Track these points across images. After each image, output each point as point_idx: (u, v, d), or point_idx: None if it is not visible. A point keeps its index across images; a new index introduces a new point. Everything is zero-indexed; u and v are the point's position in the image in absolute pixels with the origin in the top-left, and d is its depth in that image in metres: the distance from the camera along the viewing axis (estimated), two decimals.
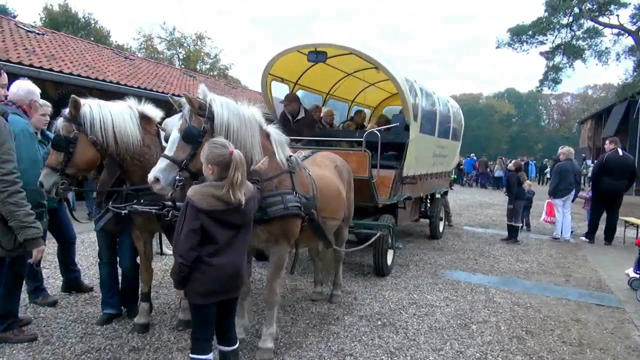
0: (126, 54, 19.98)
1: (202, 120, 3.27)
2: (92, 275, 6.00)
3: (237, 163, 2.79)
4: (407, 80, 6.94)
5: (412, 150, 7.00)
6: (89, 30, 39.94)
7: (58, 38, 15.71)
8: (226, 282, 2.89)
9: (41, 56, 11.67)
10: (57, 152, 3.60)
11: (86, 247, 7.46)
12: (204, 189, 2.82)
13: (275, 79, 7.64)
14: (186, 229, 2.75)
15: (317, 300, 5.38)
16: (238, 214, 2.87)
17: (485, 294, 5.97)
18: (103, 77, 12.48)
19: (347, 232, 5.49)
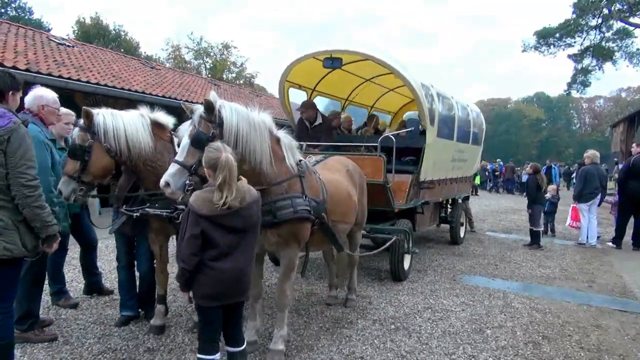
0: (152, 64, 20.49)
1: (210, 126, 3.36)
2: (113, 279, 6.14)
3: (222, 165, 2.86)
4: (422, 85, 6.93)
5: (429, 155, 6.98)
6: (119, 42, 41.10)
7: (87, 50, 16.25)
8: (229, 286, 2.95)
9: (70, 67, 12.09)
10: (73, 161, 3.78)
11: (110, 252, 7.66)
12: (204, 194, 2.90)
13: (292, 86, 7.73)
14: (187, 234, 2.84)
15: (331, 304, 5.41)
16: (239, 218, 2.93)
17: (503, 299, 5.88)
18: (129, 86, 12.84)
19: (360, 236, 5.52)
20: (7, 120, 2.90)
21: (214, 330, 3.04)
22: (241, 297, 3.10)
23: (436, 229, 10.92)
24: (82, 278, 5.55)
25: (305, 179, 3.97)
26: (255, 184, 3.54)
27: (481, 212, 15.31)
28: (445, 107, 8.17)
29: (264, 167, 3.65)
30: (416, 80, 6.73)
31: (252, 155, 3.55)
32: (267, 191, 3.70)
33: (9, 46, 11.48)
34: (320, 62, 6.93)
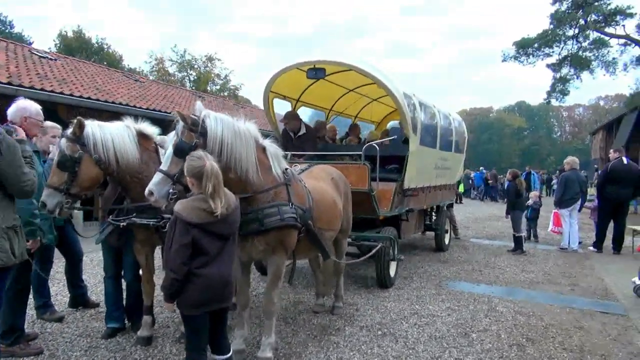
0: (136, 77, 20.42)
1: (193, 136, 3.40)
2: (99, 292, 6.11)
3: (208, 174, 2.90)
4: (405, 95, 7.04)
5: (412, 163, 7.08)
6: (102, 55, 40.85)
7: (70, 63, 16.16)
8: (216, 292, 2.97)
9: (53, 80, 12.02)
10: (60, 172, 3.71)
11: (95, 265, 7.60)
12: (192, 203, 2.92)
13: (277, 97, 7.80)
14: (177, 244, 2.84)
15: (319, 312, 5.43)
16: (226, 225, 2.97)
17: (487, 303, 5.97)
18: (113, 99, 12.79)
19: (346, 244, 5.58)
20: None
21: (201, 338, 3.05)
22: (227, 302, 3.13)
23: (421, 236, 11.02)
24: (67, 291, 5.50)
25: (292, 187, 4.02)
26: (241, 192, 3.59)
27: (465, 220, 15.48)
28: (428, 116, 8.30)
29: (250, 176, 3.69)
30: (398, 90, 6.84)
31: (238, 163, 3.59)
32: (254, 199, 3.74)
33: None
34: (304, 73, 7.01)
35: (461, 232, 11.93)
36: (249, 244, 3.80)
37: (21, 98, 4.36)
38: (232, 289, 3.20)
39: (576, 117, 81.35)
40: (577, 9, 24.38)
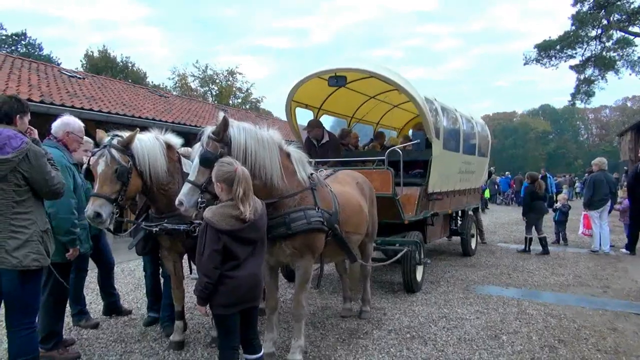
0: (161, 92, 20.93)
1: (218, 145, 3.50)
2: (130, 300, 6.27)
3: (239, 178, 2.99)
4: (427, 100, 7.06)
5: (436, 167, 7.08)
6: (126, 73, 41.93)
7: (97, 81, 16.68)
8: (245, 293, 3.06)
9: (82, 98, 12.43)
10: (114, 182, 3.77)
11: (125, 275, 7.80)
12: (222, 210, 3.00)
13: (299, 106, 7.89)
14: (209, 250, 2.93)
15: (346, 316, 5.46)
16: (254, 230, 3.05)
17: (517, 306, 5.90)
18: (139, 114, 13.14)
19: (372, 248, 5.60)
20: (20, 141, 3.05)
21: (233, 338, 3.12)
22: (256, 302, 3.21)
23: (447, 241, 10.95)
24: (101, 299, 5.65)
25: (317, 192, 4.09)
26: (266, 197, 3.67)
27: (492, 225, 15.28)
28: (450, 120, 8.29)
29: (275, 181, 3.77)
30: (420, 95, 6.86)
31: (262, 170, 3.68)
32: (280, 204, 3.82)
33: (23, 80, 11.84)
34: (325, 81, 7.10)
35: (488, 237, 11.79)
36: (276, 248, 3.87)
37: (67, 114, 4.54)
38: (261, 289, 3.28)
39: (603, 118, 79.59)
40: (599, 9, 24.04)
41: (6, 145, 2.97)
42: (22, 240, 2.99)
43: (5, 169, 2.94)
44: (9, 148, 2.97)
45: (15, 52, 39.16)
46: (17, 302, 3.06)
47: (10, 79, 11.32)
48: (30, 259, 3.01)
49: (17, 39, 44.17)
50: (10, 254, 2.94)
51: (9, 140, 2.99)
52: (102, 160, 3.80)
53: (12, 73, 12.09)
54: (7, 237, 2.95)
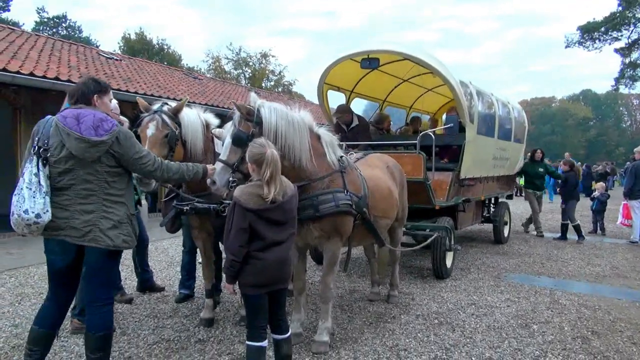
0: (195, 75, 21.17)
1: (250, 125, 3.52)
2: (164, 277, 6.45)
3: (268, 161, 3.00)
4: (461, 83, 6.91)
5: (469, 152, 6.94)
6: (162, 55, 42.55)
7: (134, 63, 17.00)
8: (273, 274, 3.09)
9: (119, 79, 12.71)
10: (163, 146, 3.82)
11: (159, 252, 8.02)
12: (250, 189, 3.03)
13: (331, 88, 7.84)
14: (235, 228, 2.98)
15: (374, 300, 5.47)
16: (281, 211, 3.06)
17: (550, 296, 5.79)
18: (174, 96, 13.33)
19: (401, 233, 5.57)
20: (111, 123, 3.07)
21: (261, 317, 3.16)
22: (284, 284, 3.24)
23: (479, 228, 10.79)
24: (135, 276, 5.83)
25: (347, 175, 4.07)
26: (295, 179, 3.68)
27: (526, 212, 14.90)
28: (485, 105, 8.11)
29: (304, 163, 3.78)
30: (455, 78, 6.71)
31: (292, 151, 3.69)
32: (309, 186, 3.83)
33: (63, 61, 12.16)
34: (358, 64, 7.03)
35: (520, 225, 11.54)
36: (304, 230, 3.89)
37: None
38: (289, 272, 3.30)
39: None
40: None
41: (99, 128, 2.99)
42: (115, 222, 3.06)
43: (100, 150, 2.97)
44: (102, 130, 2.99)
45: (57, 34, 40.28)
46: (100, 277, 3.14)
47: (51, 60, 11.64)
48: (121, 240, 3.08)
49: (58, 21, 45.41)
50: (105, 233, 3.01)
51: (101, 123, 3.01)
52: (152, 124, 3.87)
53: (53, 55, 12.42)
54: (101, 217, 3.02)
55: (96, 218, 3.01)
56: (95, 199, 3.02)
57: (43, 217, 2.89)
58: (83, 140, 2.92)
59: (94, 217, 3.00)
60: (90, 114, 3.03)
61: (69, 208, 2.98)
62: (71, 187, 2.99)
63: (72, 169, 2.98)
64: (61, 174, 2.98)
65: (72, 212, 2.98)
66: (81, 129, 2.94)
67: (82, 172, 2.99)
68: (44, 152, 2.97)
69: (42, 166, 2.94)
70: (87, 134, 2.93)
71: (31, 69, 9.84)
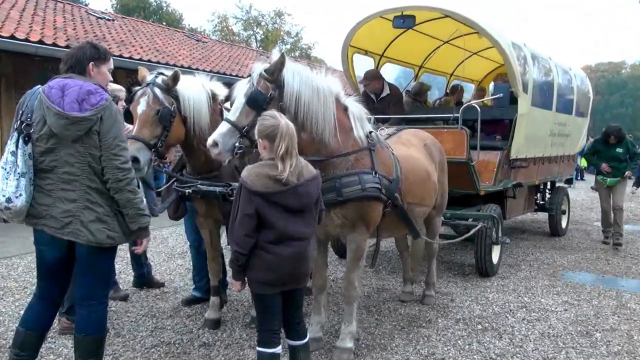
0: (198, 37, 21.19)
1: (270, 87, 3.49)
2: (163, 271, 6.55)
3: (282, 133, 2.94)
4: (514, 45, 6.76)
5: (522, 128, 6.82)
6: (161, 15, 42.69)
7: (128, 23, 17.09)
8: (289, 272, 3.06)
9: (111, 42, 12.79)
10: (154, 125, 3.85)
11: (158, 242, 8.13)
12: (258, 169, 2.99)
13: (357, 52, 7.76)
14: (241, 213, 2.95)
15: (406, 301, 5.47)
16: (295, 196, 3.00)
17: (616, 299, 5.72)
18: (174, 61, 13.39)
19: (439, 223, 5.54)
20: (99, 97, 3.03)
21: (274, 320, 3.16)
22: (301, 284, 3.23)
23: (532, 217, 10.66)
24: (131, 270, 5.92)
25: (376, 153, 4.03)
26: (314, 154, 3.65)
27: (588, 200, 14.70)
28: (542, 71, 7.96)
29: (326, 138, 3.74)
30: (506, 39, 6.58)
31: (314, 124, 3.65)
32: (330, 165, 3.80)
33: (48, 22, 12.28)
34: (389, 23, 6.94)
35: (583, 214, 11.40)
36: (324, 218, 3.85)
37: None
38: (308, 270, 3.28)
39: None
40: None
41: (85, 102, 2.97)
42: (99, 214, 3.04)
43: (82, 128, 2.95)
44: (88, 105, 2.96)
45: None
46: (94, 273, 3.16)
47: (34, 21, 11.75)
48: (105, 235, 3.06)
49: None
50: (86, 226, 3.00)
51: (88, 96, 2.98)
52: (143, 99, 3.89)
53: (36, 14, 12.53)
54: (83, 208, 3.01)
55: (78, 208, 3.00)
56: (78, 186, 3.01)
57: (15, 202, 2.90)
58: (62, 115, 2.91)
59: (75, 206, 3.00)
60: (76, 86, 3.01)
61: (52, 194, 3.00)
62: (54, 170, 3.00)
63: (53, 148, 2.98)
64: (43, 153, 2.99)
65: (55, 199, 3.00)
66: (64, 103, 2.94)
67: (64, 152, 2.98)
68: (26, 127, 2.98)
69: (22, 144, 2.96)
70: (69, 109, 2.92)
71: (12, 31, 9.94)
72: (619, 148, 8.52)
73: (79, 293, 3.26)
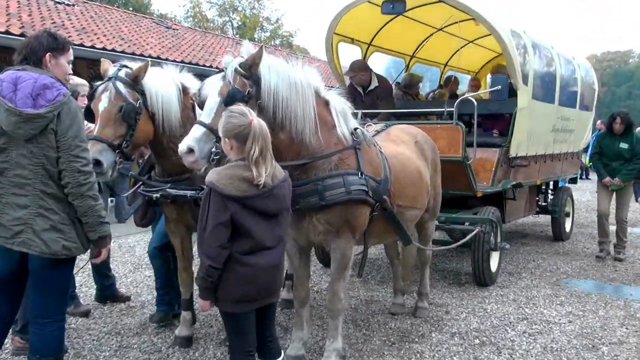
0: (168, 24, 21.09)
1: (247, 83, 3.45)
2: (129, 283, 6.48)
3: (255, 133, 2.88)
4: (513, 33, 6.80)
5: (522, 123, 6.87)
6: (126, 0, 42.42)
7: (90, 9, 16.93)
8: (264, 285, 3.02)
9: (71, 30, 12.69)
10: (118, 124, 3.79)
11: (124, 252, 8.05)
12: (230, 171, 2.91)
13: (343, 40, 7.75)
14: (213, 222, 2.84)
15: (397, 313, 5.47)
16: (273, 199, 2.97)
17: (624, 309, 5.77)
18: (141, 51, 13.33)
19: (433, 228, 5.56)
20: (56, 92, 2.98)
21: (248, 340, 3.11)
22: (275, 297, 3.21)
23: (533, 220, 10.74)
24: (93, 282, 5.85)
25: (362, 152, 4.01)
26: (294, 157, 3.63)
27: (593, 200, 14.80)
28: (543, 61, 8.01)
29: (307, 137, 3.71)
30: (504, 27, 6.62)
31: (293, 122, 3.62)
32: (311, 166, 3.78)
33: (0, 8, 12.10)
34: (378, 8, 6.92)
35: (589, 216, 11.50)
36: (306, 223, 3.84)
37: None
38: (281, 279, 3.26)
39: None
40: None
41: (40, 97, 2.92)
42: (53, 222, 2.99)
43: (36, 127, 2.90)
44: (43, 100, 2.92)
45: None
46: (49, 287, 3.12)
47: None
48: (60, 246, 3.01)
49: None
50: (39, 235, 2.96)
51: (43, 91, 2.93)
52: (104, 95, 3.82)
53: None
54: (36, 215, 2.96)
55: (30, 215, 2.96)
56: (31, 190, 2.96)
57: None
58: (13, 112, 2.86)
59: (27, 213, 2.95)
60: (31, 79, 2.96)
61: (1, 199, 2.96)
62: (3, 172, 2.96)
63: (4, 148, 2.94)
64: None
65: (4, 205, 2.96)
66: (17, 98, 2.88)
67: (15, 153, 2.94)
68: None
69: None
70: (22, 105, 2.87)
71: None
72: (623, 143, 7.95)
73: (32, 310, 3.22)
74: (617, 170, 7.92)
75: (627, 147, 7.93)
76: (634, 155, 7.86)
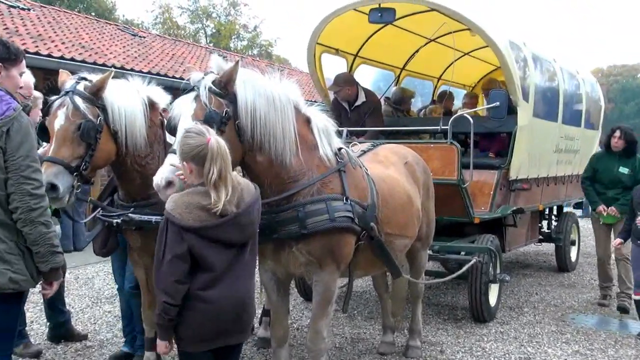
0: (134, 31, 21.11)
1: (223, 103, 3.45)
2: (86, 320, 6.38)
3: (213, 154, 2.86)
4: (512, 45, 6.90)
5: (522, 143, 6.94)
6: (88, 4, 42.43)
7: (48, 14, 16.90)
8: (227, 322, 2.98)
9: (25, 37, 12.63)
10: (75, 143, 3.75)
11: (80, 284, 7.95)
12: (187, 198, 2.90)
13: (327, 51, 7.82)
14: (169, 255, 2.83)
15: (386, 353, 5.45)
16: (237, 227, 2.95)
17: (635, 347, 5.82)
18: (104, 60, 13.30)
19: (426, 258, 5.56)
20: (5, 106, 2.97)
21: None
22: (242, 337, 3.18)
23: (536, 249, 10.81)
24: (45, 318, 5.76)
25: (347, 175, 4.03)
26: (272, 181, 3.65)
27: None
28: (545, 76, 8.14)
29: (287, 158, 3.71)
30: (502, 38, 6.71)
31: (272, 142, 3.62)
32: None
33: None
34: (365, 17, 6.99)
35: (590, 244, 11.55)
36: (285, 254, 3.83)
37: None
38: (251, 318, 3.22)
39: None
40: None
41: None
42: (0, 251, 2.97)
43: None
44: None
45: None
46: None
47: None
48: (6, 278, 2.97)
49: None
50: None
51: None
52: (61, 112, 3.77)
53: None
54: None
55: None
56: None
57: None
58: None
59: None
60: None
61: None
62: None
63: None
64: None
65: None
66: None
67: None
68: None
69: None
70: None
71: None
72: (623, 167, 7.14)
73: None
74: (614, 200, 7.14)
75: (627, 171, 7.16)
76: (636, 182, 6.83)
